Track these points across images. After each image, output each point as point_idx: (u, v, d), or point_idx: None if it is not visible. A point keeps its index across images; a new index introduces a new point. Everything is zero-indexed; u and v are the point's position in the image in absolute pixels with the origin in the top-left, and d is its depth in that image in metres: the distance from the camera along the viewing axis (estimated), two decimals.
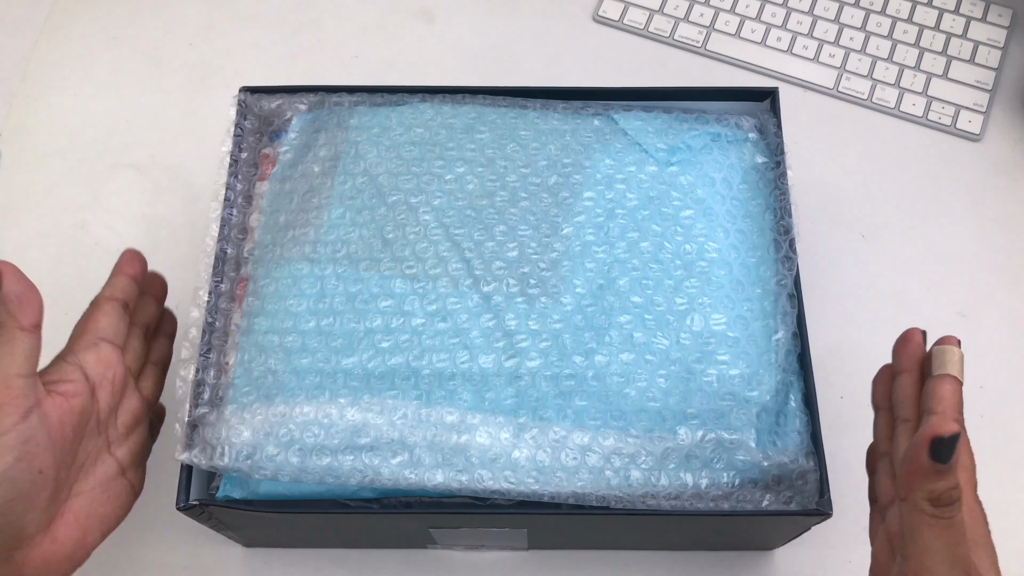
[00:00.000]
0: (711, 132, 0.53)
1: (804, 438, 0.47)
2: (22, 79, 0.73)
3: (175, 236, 0.67)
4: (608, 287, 0.48)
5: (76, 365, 0.44)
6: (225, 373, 0.48)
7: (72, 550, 0.42)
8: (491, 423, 0.45)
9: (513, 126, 0.53)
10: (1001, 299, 0.64)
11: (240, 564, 0.57)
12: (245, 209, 0.53)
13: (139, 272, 0.49)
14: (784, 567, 0.57)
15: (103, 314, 0.47)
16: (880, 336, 0.62)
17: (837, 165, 0.69)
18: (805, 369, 0.48)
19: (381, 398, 0.46)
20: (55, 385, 0.42)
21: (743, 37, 0.73)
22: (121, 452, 0.46)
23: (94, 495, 0.44)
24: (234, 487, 0.47)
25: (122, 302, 0.48)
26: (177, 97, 0.72)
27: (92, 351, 0.45)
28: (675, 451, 0.45)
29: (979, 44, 0.72)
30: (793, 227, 0.51)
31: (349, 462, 0.45)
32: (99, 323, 0.46)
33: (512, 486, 0.44)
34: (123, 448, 0.46)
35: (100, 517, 0.44)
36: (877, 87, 0.71)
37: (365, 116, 0.54)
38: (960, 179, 0.68)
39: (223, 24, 0.75)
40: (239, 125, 0.54)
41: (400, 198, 0.50)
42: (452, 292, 0.48)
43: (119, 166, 0.69)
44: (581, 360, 0.46)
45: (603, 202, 0.50)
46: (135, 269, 0.49)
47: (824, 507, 0.45)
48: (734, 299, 0.49)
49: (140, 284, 0.50)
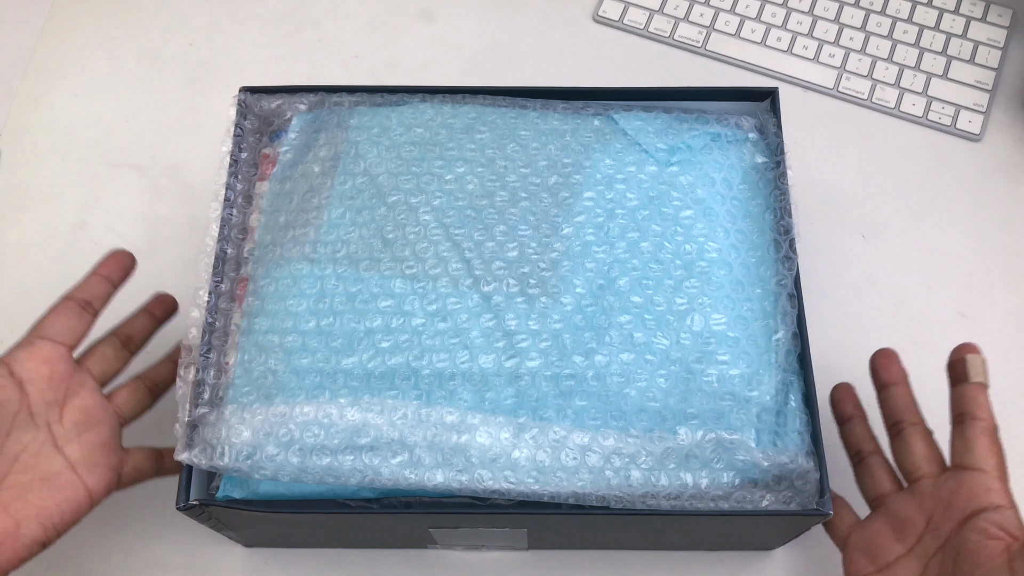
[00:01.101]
0: (711, 132, 0.53)
1: (804, 438, 0.47)
2: (22, 79, 0.73)
3: (175, 236, 0.67)
4: (608, 287, 0.48)
5: (3, 363, 0.46)
6: (225, 373, 0.48)
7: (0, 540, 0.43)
8: (491, 423, 0.45)
9: (513, 126, 0.53)
10: (1001, 299, 0.64)
11: (240, 564, 0.57)
12: (245, 209, 0.53)
13: (113, 272, 0.50)
14: (784, 567, 0.57)
15: (52, 312, 0.48)
16: (880, 336, 0.62)
17: (837, 165, 0.69)
18: (805, 369, 0.48)
19: (381, 398, 0.46)
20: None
21: (743, 37, 0.73)
22: (71, 449, 0.46)
23: (31, 488, 0.44)
24: (234, 487, 0.47)
25: (81, 301, 0.49)
26: (177, 97, 0.72)
27: (26, 348, 0.47)
28: (675, 451, 0.45)
29: (979, 44, 0.72)
30: (793, 227, 0.51)
31: (349, 462, 0.45)
32: (44, 322, 0.48)
33: (512, 486, 0.44)
34: (72, 445, 0.46)
35: (38, 510, 0.44)
36: (877, 87, 0.71)
37: (365, 116, 0.54)
38: (960, 179, 0.68)
39: (223, 24, 0.75)
40: (239, 125, 0.54)
41: (400, 198, 0.50)
42: (452, 292, 0.48)
43: (119, 166, 0.69)
44: (581, 360, 0.46)
45: (603, 202, 0.50)
46: (109, 269, 0.50)
47: (824, 507, 0.45)
48: (734, 299, 0.49)
49: (116, 284, 0.50)
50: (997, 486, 0.44)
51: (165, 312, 0.53)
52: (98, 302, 0.50)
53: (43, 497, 0.44)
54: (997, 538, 0.42)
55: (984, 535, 0.42)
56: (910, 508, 0.46)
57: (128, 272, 0.51)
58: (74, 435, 0.47)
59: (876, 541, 0.47)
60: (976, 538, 0.42)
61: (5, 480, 0.44)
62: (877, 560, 0.46)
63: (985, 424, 0.46)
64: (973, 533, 0.42)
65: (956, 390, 0.47)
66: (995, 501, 0.43)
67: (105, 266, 0.51)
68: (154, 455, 0.51)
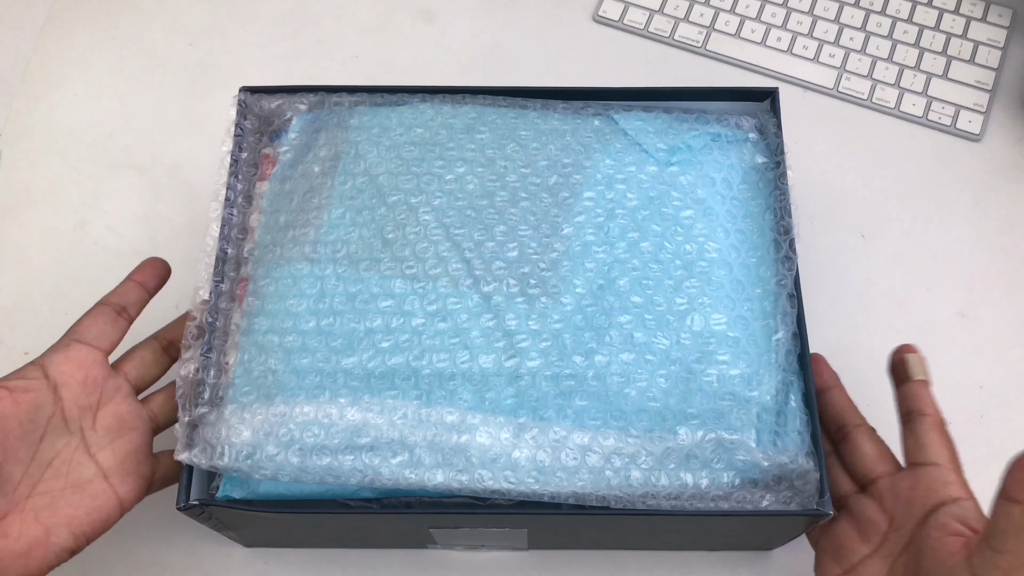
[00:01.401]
0: (711, 132, 0.53)
1: (804, 438, 0.47)
2: (22, 79, 0.73)
3: (175, 236, 0.67)
4: (608, 287, 0.48)
5: (38, 364, 0.45)
6: (225, 373, 0.48)
7: (28, 547, 0.42)
8: (491, 423, 0.45)
9: (513, 126, 0.53)
10: (1001, 299, 0.64)
11: (240, 564, 0.57)
12: (245, 209, 0.53)
13: (148, 279, 0.50)
14: (784, 567, 0.57)
15: (87, 316, 0.48)
16: (880, 336, 0.62)
17: (837, 165, 0.69)
18: (805, 369, 0.48)
19: (381, 398, 0.46)
20: (5, 382, 0.43)
21: (743, 37, 0.73)
22: (103, 456, 0.46)
23: (63, 495, 0.44)
24: (234, 487, 0.47)
25: (116, 307, 0.48)
26: (177, 97, 0.72)
27: (61, 351, 0.46)
28: (675, 451, 0.45)
29: (979, 44, 0.72)
30: (793, 227, 0.51)
31: (349, 462, 0.45)
32: (79, 325, 0.47)
33: (512, 486, 0.44)
34: (105, 452, 0.46)
35: (68, 518, 0.43)
36: (877, 87, 0.71)
37: (365, 116, 0.54)
38: (960, 179, 0.68)
39: (223, 24, 0.75)
40: (239, 125, 0.54)
41: (400, 198, 0.50)
42: (452, 292, 0.48)
43: (119, 166, 0.69)
44: (581, 360, 0.46)
45: (603, 202, 0.50)
46: (144, 276, 0.50)
47: (824, 507, 0.45)
48: (734, 299, 0.49)
49: (151, 291, 0.50)
50: (953, 478, 0.44)
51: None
52: (133, 308, 0.49)
53: (74, 505, 0.44)
54: (957, 534, 0.41)
55: (944, 531, 0.42)
56: (871, 509, 0.46)
57: (163, 279, 0.51)
58: (107, 442, 0.46)
59: (842, 542, 0.47)
60: (936, 535, 0.42)
61: (37, 486, 0.43)
62: (843, 561, 0.46)
63: (933, 419, 0.46)
64: (933, 530, 0.42)
65: (901, 390, 0.48)
66: (953, 494, 0.43)
67: (140, 272, 0.50)
68: None
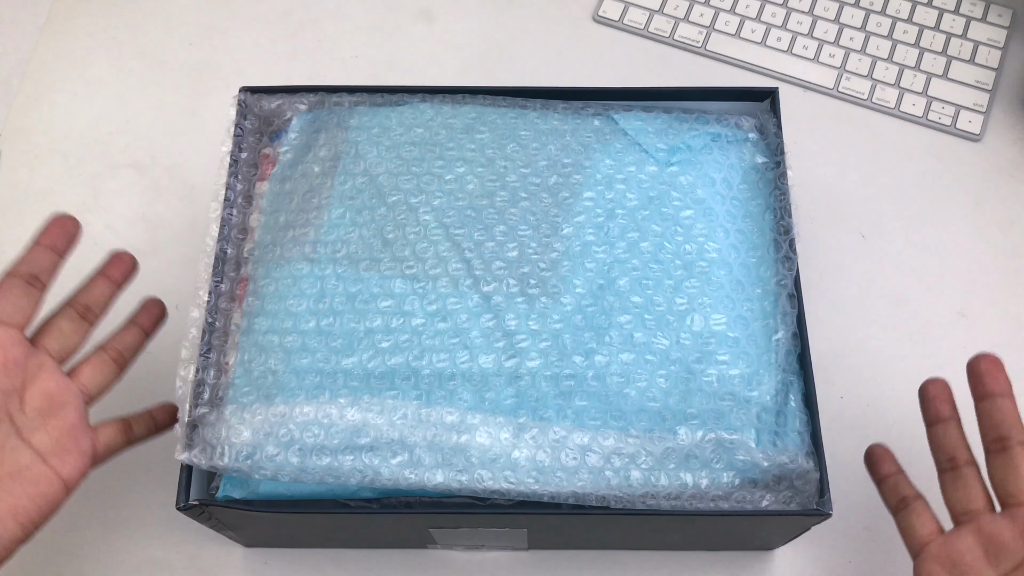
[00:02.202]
0: (711, 132, 0.53)
1: (804, 438, 0.47)
2: (22, 79, 0.73)
3: (175, 236, 0.67)
4: (608, 287, 0.48)
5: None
6: (225, 373, 0.48)
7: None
8: (491, 423, 0.45)
9: (513, 126, 0.53)
10: (1001, 299, 0.64)
11: (240, 564, 0.57)
12: (245, 209, 0.53)
13: (57, 239, 0.46)
14: (784, 567, 0.57)
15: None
16: (880, 336, 0.62)
17: (837, 165, 0.69)
18: (805, 369, 0.48)
19: (381, 398, 0.46)
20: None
21: (743, 37, 0.73)
22: (38, 438, 0.43)
23: (2, 486, 0.41)
24: (234, 487, 0.47)
25: (26, 276, 0.45)
26: (177, 97, 0.72)
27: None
28: (675, 451, 0.45)
29: (979, 44, 0.72)
30: (793, 227, 0.51)
31: (349, 462, 0.45)
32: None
33: (512, 486, 0.44)
34: (39, 434, 0.43)
35: (13, 508, 0.41)
36: (877, 87, 0.71)
37: (365, 116, 0.54)
38: (960, 179, 0.68)
39: (223, 24, 0.75)
40: (239, 125, 0.54)
41: (400, 198, 0.50)
42: (452, 292, 0.48)
43: (119, 166, 0.69)
44: (581, 360, 0.46)
45: (603, 202, 0.50)
46: (52, 238, 0.46)
47: (824, 507, 0.45)
48: (734, 299, 0.49)
49: (61, 252, 0.46)
50: None
51: (123, 274, 0.49)
52: (45, 275, 0.45)
53: (16, 495, 0.41)
54: None
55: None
56: (1009, 533, 0.43)
57: (72, 239, 0.47)
58: (39, 423, 0.43)
59: (963, 558, 0.44)
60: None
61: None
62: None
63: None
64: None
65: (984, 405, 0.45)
66: None
67: (47, 235, 0.46)
68: (123, 426, 0.47)
